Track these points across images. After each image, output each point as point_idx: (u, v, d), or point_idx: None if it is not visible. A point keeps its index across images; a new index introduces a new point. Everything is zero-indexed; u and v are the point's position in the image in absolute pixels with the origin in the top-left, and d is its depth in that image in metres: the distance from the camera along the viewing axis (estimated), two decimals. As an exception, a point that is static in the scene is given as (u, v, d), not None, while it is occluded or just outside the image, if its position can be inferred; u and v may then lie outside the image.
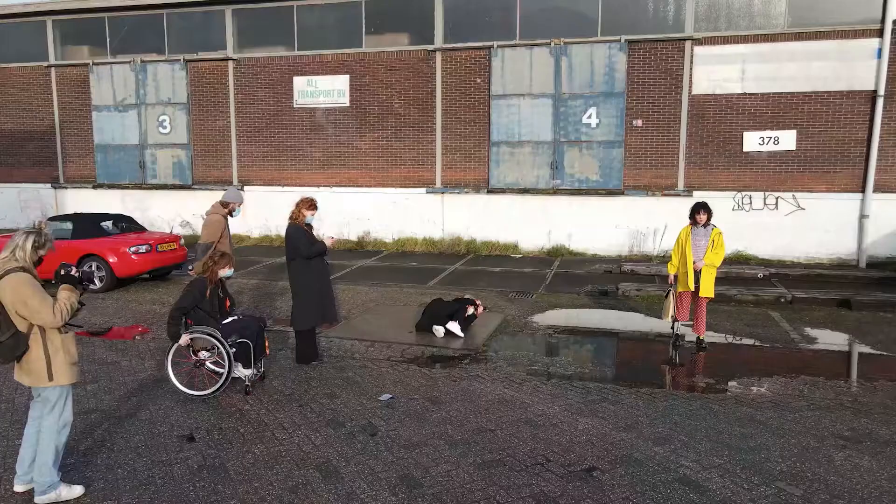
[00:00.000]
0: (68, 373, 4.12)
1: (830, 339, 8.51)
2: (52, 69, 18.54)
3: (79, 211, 16.01)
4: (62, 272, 4.15)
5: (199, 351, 6.16)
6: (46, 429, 4.12)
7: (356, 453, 4.94)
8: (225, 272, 6.31)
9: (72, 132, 18.76)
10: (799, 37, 13.82)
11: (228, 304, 6.49)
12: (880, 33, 13.35)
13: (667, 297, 8.27)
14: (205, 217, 8.39)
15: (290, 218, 7.12)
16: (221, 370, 6.19)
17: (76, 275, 4.14)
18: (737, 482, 4.50)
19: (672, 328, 8.26)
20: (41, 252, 4.07)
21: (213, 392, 6.06)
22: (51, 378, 4.04)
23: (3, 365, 4.10)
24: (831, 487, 4.43)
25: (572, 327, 9.13)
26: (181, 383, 6.16)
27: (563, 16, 15.13)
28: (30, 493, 4.20)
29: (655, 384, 6.79)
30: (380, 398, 6.13)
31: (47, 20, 18.43)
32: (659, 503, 4.21)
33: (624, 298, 10.95)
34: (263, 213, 17.10)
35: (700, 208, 7.92)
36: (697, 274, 7.93)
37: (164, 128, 17.99)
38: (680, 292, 8.14)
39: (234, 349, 6.09)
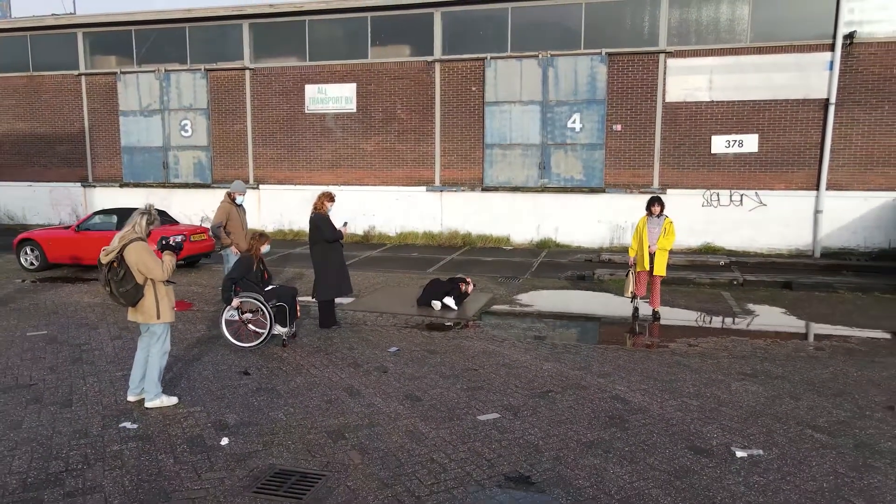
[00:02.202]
0: (170, 313, 5.75)
1: (765, 312, 10.10)
2: (83, 77, 20.17)
3: (106, 207, 17.61)
4: (163, 242, 5.79)
5: (246, 312, 7.79)
6: (154, 354, 5.75)
7: (372, 382, 6.56)
8: (265, 248, 7.94)
9: (100, 135, 20.39)
10: (760, 50, 15.42)
11: (267, 275, 8.11)
12: (832, 48, 14.95)
13: (627, 276, 9.88)
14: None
15: (314, 208, 8.71)
16: (262, 330, 7.81)
17: (174, 244, 5.77)
18: (653, 397, 6.12)
19: (632, 302, 9.86)
20: (151, 227, 5.71)
21: (257, 344, 7.68)
22: (158, 317, 5.66)
23: (125, 307, 5.71)
24: (721, 400, 6.05)
25: (550, 303, 10.75)
26: (232, 338, 7.78)
27: (550, 30, 16.75)
28: (139, 402, 5.83)
29: (611, 342, 8.41)
30: (389, 350, 7.75)
31: (78, 32, 20.05)
32: (593, 409, 5.83)
33: (598, 282, 12.56)
34: (278, 208, 18.73)
35: (654, 201, 9.51)
36: (652, 256, 9.51)
37: (186, 131, 19.61)
38: (638, 272, 9.70)
39: (274, 311, 7.71)
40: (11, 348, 7.62)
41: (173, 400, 5.84)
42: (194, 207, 19.51)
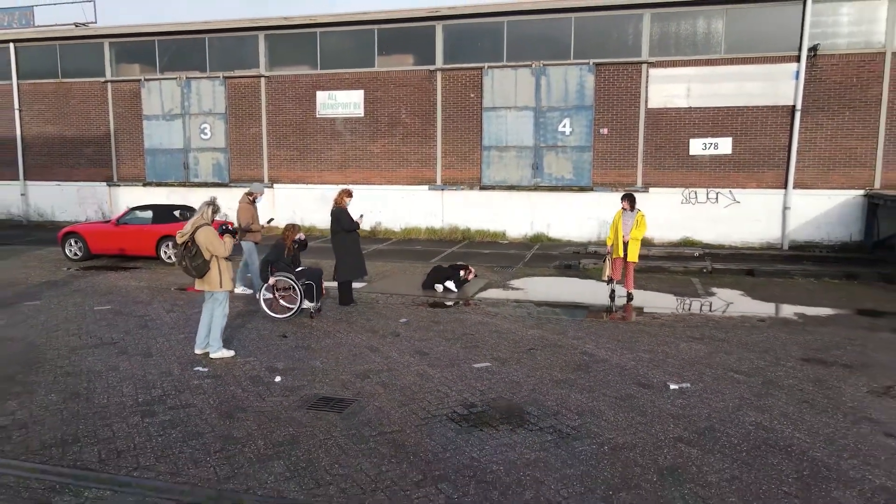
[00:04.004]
0: (230, 283, 7.26)
1: (725, 294, 11.59)
2: (109, 84, 21.68)
3: (141, 204, 19.12)
4: (223, 228, 7.29)
5: (280, 289, 9.29)
6: (217, 317, 7.25)
7: (388, 343, 8.06)
8: (297, 237, 9.44)
9: (125, 138, 21.90)
10: (733, 61, 16.92)
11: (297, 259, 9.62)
12: (798, 59, 16.44)
13: (604, 262, 11.38)
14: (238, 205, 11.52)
15: (335, 203, 10.22)
16: (293, 305, 9.31)
17: (232, 229, 7.28)
18: (614, 353, 7.63)
19: (608, 284, 11.36)
20: (215, 216, 7.20)
21: (290, 315, 9.19)
22: (221, 286, 7.17)
23: (197, 278, 7.20)
24: (668, 354, 7.56)
25: (538, 287, 12.26)
26: (269, 310, 9.29)
27: (542, 42, 18.26)
28: (205, 354, 7.34)
29: (588, 316, 9.91)
30: (399, 321, 9.25)
31: (105, 42, 21.57)
32: (565, 360, 7.34)
33: (583, 270, 14.04)
34: (291, 205, 20.21)
35: (624, 198, 11.01)
36: (626, 245, 11.00)
37: (205, 134, 21.12)
38: (614, 258, 11.20)
39: (304, 288, 9.21)
40: (86, 318, 9.14)
41: (231, 352, 7.36)
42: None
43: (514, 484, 4.43)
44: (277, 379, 6.59)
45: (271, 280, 9.16)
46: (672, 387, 6.40)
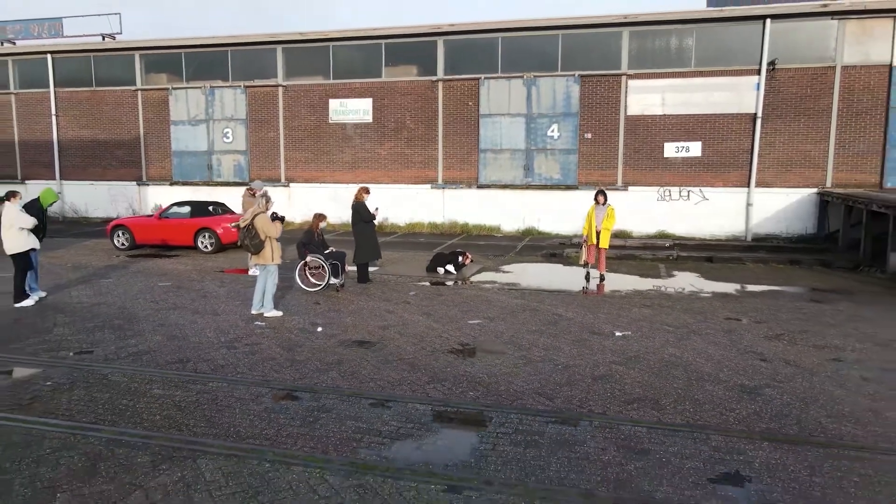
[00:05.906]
0: (279, 258, 9.36)
1: (683, 276, 13.67)
2: (139, 92, 23.77)
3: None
4: (274, 216, 9.38)
5: (311, 267, 11.39)
6: (269, 285, 9.36)
7: (400, 308, 10.15)
8: (322, 224, 11.54)
9: (153, 141, 23.99)
10: (703, 74, 19.01)
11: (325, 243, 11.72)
12: (759, 72, 18.54)
13: (580, 248, 13.47)
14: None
15: (356, 198, 12.33)
16: (320, 281, 11.40)
17: (280, 217, 9.37)
18: (578, 313, 9.72)
19: (584, 267, 13.43)
20: (268, 205, 9.29)
21: (320, 289, 11.28)
22: (273, 260, 9.27)
23: (254, 254, 9.27)
24: (620, 315, 9.65)
25: (525, 270, 14.35)
26: (302, 284, 11.39)
27: (533, 56, 20.35)
28: (259, 314, 9.43)
29: (565, 292, 11.99)
30: (409, 294, 11.34)
31: (135, 54, 23.66)
32: (540, 319, 9.43)
33: (566, 258, 16.12)
34: (305, 203, 22.29)
35: (598, 193, 13.09)
36: (598, 234, 13.07)
37: (228, 138, 23.22)
38: (588, 245, 13.27)
39: (331, 267, 11.30)
40: (155, 290, 11.24)
41: (280, 313, 9.47)
42: (234, 203, 23.04)
43: (493, 383, 6.53)
44: (319, 329, 8.69)
45: (309, 258, 11.26)
46: (617, 334, 8.49)
